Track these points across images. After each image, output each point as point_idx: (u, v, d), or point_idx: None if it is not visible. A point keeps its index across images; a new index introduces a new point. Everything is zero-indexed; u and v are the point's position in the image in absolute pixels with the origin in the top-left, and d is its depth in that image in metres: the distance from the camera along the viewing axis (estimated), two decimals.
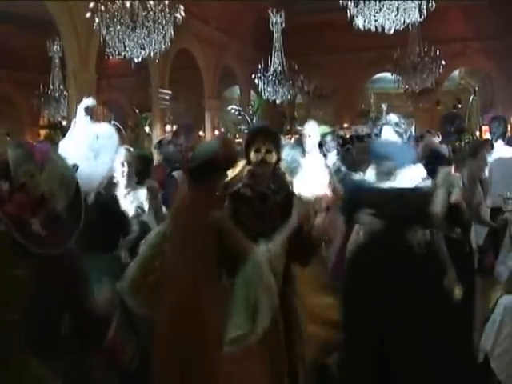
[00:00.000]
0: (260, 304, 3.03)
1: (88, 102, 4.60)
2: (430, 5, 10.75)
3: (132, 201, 5.10)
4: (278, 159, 3.75)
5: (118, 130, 7.68)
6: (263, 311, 3.03)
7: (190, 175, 3.44)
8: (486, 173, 6.55)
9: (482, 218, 5.33)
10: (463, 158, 5.04)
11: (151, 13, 9.87)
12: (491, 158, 6.95)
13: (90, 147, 4.27)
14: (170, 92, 17.32)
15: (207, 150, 3.40)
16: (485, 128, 17.38)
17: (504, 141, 7.04)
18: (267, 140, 3.69)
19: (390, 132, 4.81)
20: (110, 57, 11.01)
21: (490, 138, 7.83)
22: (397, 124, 4.85)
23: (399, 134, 4.79)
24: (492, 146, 7.59)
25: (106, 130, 4.48)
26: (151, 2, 9.86)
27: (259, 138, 3.71)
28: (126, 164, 5.08)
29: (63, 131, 9.27)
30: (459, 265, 4.25)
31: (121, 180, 5.10)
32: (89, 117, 4.58)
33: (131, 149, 5.30)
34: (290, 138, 15.57)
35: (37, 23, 15.59)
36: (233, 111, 18.56)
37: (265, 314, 3.04)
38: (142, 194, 5.23)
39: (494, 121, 7.38)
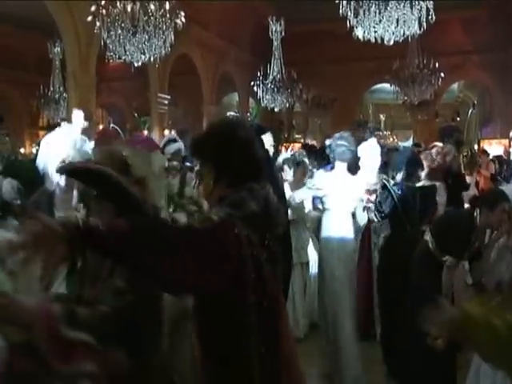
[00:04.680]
0: None
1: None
2: (429, 17, 10.76)
3: None
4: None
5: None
6: None
7: None
8: None
9: None
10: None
11: (152, 18, 9.92)
12: None
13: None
14: (168, 97, 17.36)
15: None
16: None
17: None
18: None
19: None
20: (111, 60, 11.04)
21: None
22: None
23: None
24: None
25: None
26: (152, 7, 9.91)
27: None
28: None
29: None
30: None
31: None
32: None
33: None
34: (287, 147, 15.64)
35: (37, 25, 15.64)
36: None
37: None
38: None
39: None
